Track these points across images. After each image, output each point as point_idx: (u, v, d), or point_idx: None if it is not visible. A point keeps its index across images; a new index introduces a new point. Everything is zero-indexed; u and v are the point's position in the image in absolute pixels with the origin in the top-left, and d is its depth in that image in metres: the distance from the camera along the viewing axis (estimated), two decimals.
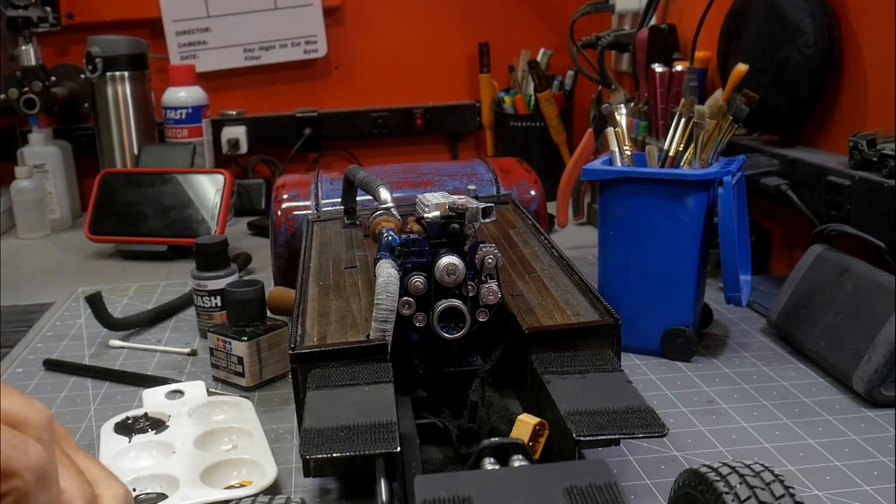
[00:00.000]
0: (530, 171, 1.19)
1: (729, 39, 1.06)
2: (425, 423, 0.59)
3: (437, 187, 1.05)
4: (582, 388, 0.54)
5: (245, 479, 0.63)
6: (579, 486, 0.40)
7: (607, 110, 0.89)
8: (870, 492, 0.60)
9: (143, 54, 1.47)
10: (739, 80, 0.87)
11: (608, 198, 0.85)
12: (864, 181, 0.82)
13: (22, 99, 1.44)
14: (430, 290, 0.59)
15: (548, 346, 0.59)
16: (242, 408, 0.73)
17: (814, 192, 0.90)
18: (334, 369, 0.56)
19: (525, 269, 0.72)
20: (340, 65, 1.75)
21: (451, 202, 0.59)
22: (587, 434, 0.48)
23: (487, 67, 1.71)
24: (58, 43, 1.64)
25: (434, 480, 0.41)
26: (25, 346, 0.94)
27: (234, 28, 1.68)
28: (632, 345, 0.83)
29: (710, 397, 0.76)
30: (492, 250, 0.59)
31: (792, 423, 0.70)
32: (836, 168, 0.87)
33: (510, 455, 0.46)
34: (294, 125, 1.70)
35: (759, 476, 0.44)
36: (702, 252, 0.83)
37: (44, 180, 1.48)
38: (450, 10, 1.75)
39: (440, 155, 1.80)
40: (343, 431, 0.49)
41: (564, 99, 1.63)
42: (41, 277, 1.22)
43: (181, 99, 1.45)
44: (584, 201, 1.40)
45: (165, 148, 1.43)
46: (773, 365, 0.82)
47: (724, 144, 0.84)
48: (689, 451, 0.66)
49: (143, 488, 0.61)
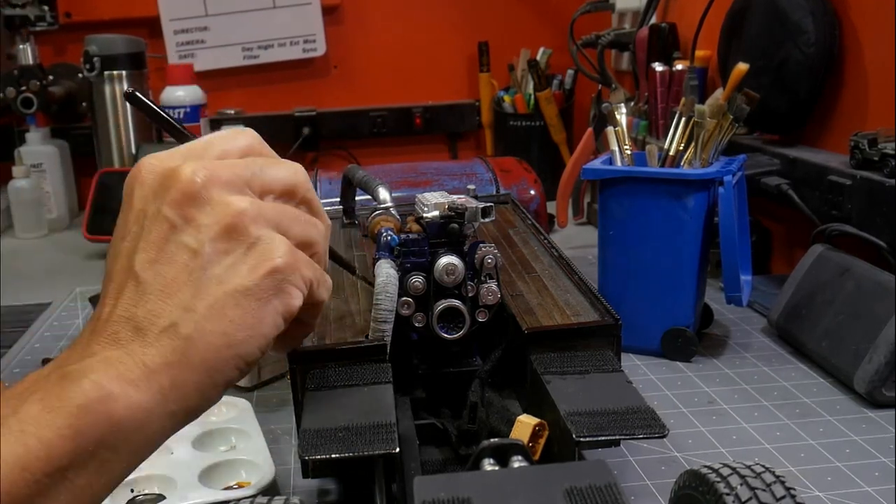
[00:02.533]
0: (530, 170, 1.19)
1: (729, 38, 1.06)
2: (424, 423, 0.58)
3: (437, 187, 1.04)
4: (582, 389, 0.53)
5: (243, 480, 0.63)
6: (579, 486, 0.40)
7: (607, 109, 0.89)
8: (871, 492, 0.60)
9: (141, 53, 1.46)
10: (740, 80, 0.87)
11: (608, 197, 0.84)
12: (865, 181, 0.82)
13: (19, 98, 1.44)
14: (430, 290, 0.58)
15: (547, 347, 0.59)
16: (241, 408, 0.72)
17: (815, 191, 0.90)
18: (333, 370, 0.56)
19: (525, 269, 0.72)
20: (339, 64, 1.75)
21: (450, 202, 0.59)
22: (587, 435, 0.48)
23: (487, 66, 1.71)
24: (55, 42, 1.64)
25: (433, 481, 0.41)
26: (23, 347, 0.93)
27: (233, 27, 1.68)
28: (632, 345, 0.83)
29: (710, 398, 0.76)
30: (491, 250, 0.59)
31: (792, 424, 0.70)
32: (837, 167, 0.87)
33: (510, 456, 0.46)
34: (292, 124, 1.69)
35: (760, 477, 0.44)
36: (702, 252, 0.82)
37: (41, 180, 1.48)
38: (449, 9, 1.75)
39: (439, 154, 1.80)
40: (342, 432, 0.48)
41: (564, 98, 1.63)
42: (38, 277, 1.22)
43: (179, 98, 1.44)
44: (584, 201, 1.40)
45: (163, 147, 1.42)
46: (773, 365, 0.82)
47: (725, 144, 0.84)
48: (689, 452, 0.66)
49: (141, 489, 0.61)
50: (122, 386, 0.39)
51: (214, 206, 0.42)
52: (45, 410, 0.37)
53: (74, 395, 0.38)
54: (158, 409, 0.40)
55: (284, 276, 0.43)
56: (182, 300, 0.41)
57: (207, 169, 0.43)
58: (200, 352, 0.40)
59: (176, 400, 0.40)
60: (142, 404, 0.39)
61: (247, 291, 0.42)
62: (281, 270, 0.42)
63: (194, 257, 0.41)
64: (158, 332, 0.40)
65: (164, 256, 0.41)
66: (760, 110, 0.89)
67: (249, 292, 0.42)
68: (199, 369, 0.41)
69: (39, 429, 0.37)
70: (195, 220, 0.42)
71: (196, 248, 0.41)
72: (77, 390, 0.38)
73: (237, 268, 0.42)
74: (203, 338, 0.41)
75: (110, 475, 0.39)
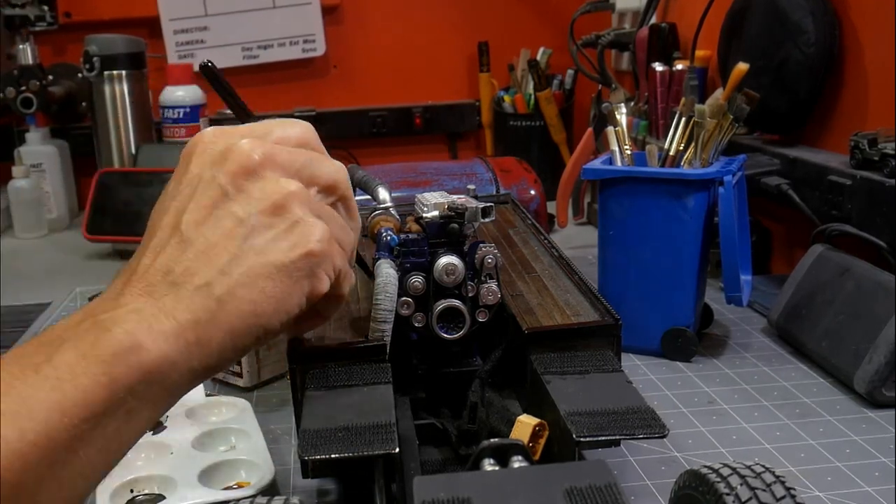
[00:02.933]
0: (530, 170, 1.19)
1: (729, 38, 1.06)
2: (424, 423, 0.58)
3: (437, 187, 1.04)
4: (582, 389, 0.53)
5: (243, 480, 0.63)
6: (579, 487, 0.40)
7: (607, 109, 0.89)
8: (871, 493, 0.59)
9: (141, 53, 1.46)
10: (740, 80, 0.86)
11: (608, 197, 0.84)
12: (865, 181, 0.82)
13: (19, 98, 1.44)
14: (430, 290, 0.58)
15: (548, 347, 0.59)
16: (240, 408, 0.72)
17: (815, 191, 0.90)
18: (333, 370, 0.56)
19: (525, 269, 0.72)
20: (339, 64, 1.75)
21: (450, 202, 0.59)
22: (587, 435, 0.48)
23: (487, 66, 1.71)
24: (55, 42, 1.64)
25: (433, 481, 0.41)
26: None
27: (232, 27, 1.67)
28: (632, 345, 0.83)
29: (710, 398, 0.76)
30: (491, 250, 0.59)
31: (793, 424, 0.70)
32: (837, 167, 0.87)
33: (510, 456, 0.46)
34: None
35: (760, 477, 0.44)
36: (702, 252, 0.82)
37: (41, 180, 1.48)
38: (449, 8, 1.75)
39: (439, 154, 1.79)
40: (342, 432, 0.48)
41: (564, 98, 1.63)
42: (38, 277, 1.22)
43: (179, 98, 1.44)
44: (584, 201, 1.40)
45: (163, 147, 1.42)
46: (773, 365, 0.82)
47: (725, 144, 0.84)
48: (689, 452, 0.66)
49: (141, 489, 0.61)
50: (154, 337, 0.40)
51: (266, 182, 0.45)
52: (80, 357, 0.39)
53: (108, 343, 0.39)
54: (182, 363, 0.41)
55: (319, 261, 0.45)
56: (220, 263, 0.43)
57: (266, 149, 0.46)
58: (228, 315, 0.42)
59: (199, 357, 0.42)
60: (169, 356, 0.41)
61: (282, 266, 0.44)
62: (316, 255, 0.45)
63: (239, 225, 0.44)
64: (193, 290, 0.42)
65: (212, 220, 0.44)
66: (760, 110, 0.89)
67: (284, 268, 0.44)
68: (224, 331, 0.42)
69: (75, 376, 0.38)
70: (246, 192, 0.44)
71: (243, 218, 0.44)
72: (110, 339, 0.39)
73: (277, 243, 0.44)
74: (233, 302, 0.43)
75: (137, 424, 0.41)
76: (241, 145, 0.45)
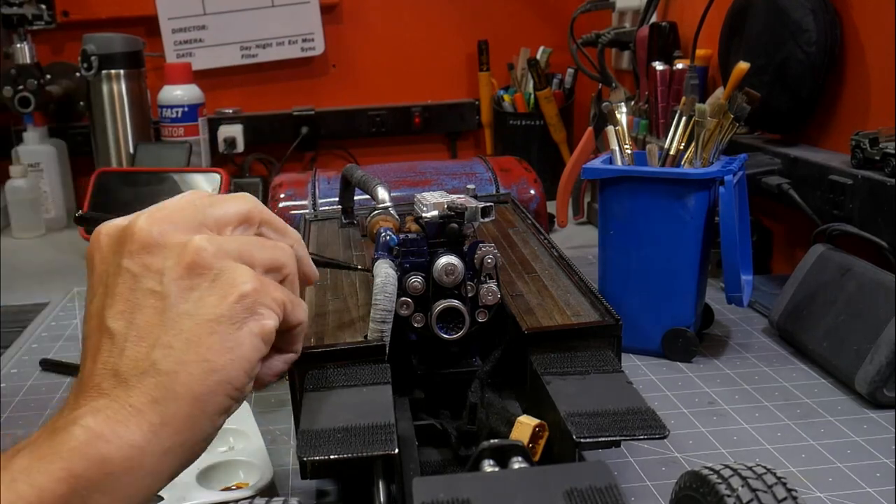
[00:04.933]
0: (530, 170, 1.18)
1: (730, 37, 1.05)
2: (424, 424, 0.58)
3: (436, 186, 1.04)
4: (582, 390, 0.53)
5: (242, 480, 0.62)
6: (579, 488, 0.40)
7: (607, 108, 0.88)
8: (872, 493, 0.59)
9: (139, 52, 1.46)
10: (741, 79, 0.86)
11: (608, 197, 0.84)
12: (866, 180, 0.82)
13: (16, 97, 1.44)
14: (429, 290, 0.58)
15: (547, 347, 0.58)
16: (239, 409, 0.72)
17: (816, 191, 0.90)
18: (332, 370, 0.56)
19: (525, 269, 0.72)
20: (338, 63, 1.75)
21: (449, 201, 0.59)
22: (587, 436, 0.48)
23: (487, 65, 1.71)
24: (53, 41, 1.64)
25: (432, 482, 0.40)
26: (20, 347, 0.93)
27: (231, 26, 1.67)
28: (632, 345, 0.82)
29: (711, 398, 0.75)
30: (491, 250, 0.58)
31: (794, 425, 0.70)
32: (839, 167, 0.87)
33: (509, 457, 0.46)
34: (291, 124, 1.69)
35: (761, 478, 0.44)
36: (703, 252, 0.82)
37: (39, 179, 1.48)
38: (449, 7, 1.74)
39: (439, 154, 1.79)
40: (341, 433, 0.48)
41: (564, 97, 1.63)
42: (36, 277, 1.21)
43: (177, 97, 1.44)
44: (584, 200, 1.39)
45: (161, 147, 1.42)
46: (774, 366, 0.81)
47: (726, 143, 0.83)
48: (690, 453, 0.66)
49: None
50: (112, 426, 0.39)
51: (172, 248, 0.43)
52: (36, 459, 0.38)
53: (65, 440, 0.38)
54: (151, 446, 0.40)
55: (254, 299, 0.44)
56: (158, 340, 0.42)
57: (159, 217, 0.44)
58: (184, 383, 0.41)
59: (170, 435, 0.41)
60: (133, 443, 0.39)
61: (220, 318, 0.43)
62: (249, 295, 0.44)
63: (161, 299, 0.42)
64: (140, 375, 0.41)
65: (133, 305, 0.43)
66: (761, 109, 0.89)
67: (223, 318, 0.43)
68: (186, 400, 0.41)
69: (31, 476, 0.37)
70: (155, 266, 0.43)
71: (161, 291, 0.43)
72: (68, 436, 0.39)
73: (205, 300, 0.43)
74: (184, 369, 0.41)
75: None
76: (133, 224, 0.44)
